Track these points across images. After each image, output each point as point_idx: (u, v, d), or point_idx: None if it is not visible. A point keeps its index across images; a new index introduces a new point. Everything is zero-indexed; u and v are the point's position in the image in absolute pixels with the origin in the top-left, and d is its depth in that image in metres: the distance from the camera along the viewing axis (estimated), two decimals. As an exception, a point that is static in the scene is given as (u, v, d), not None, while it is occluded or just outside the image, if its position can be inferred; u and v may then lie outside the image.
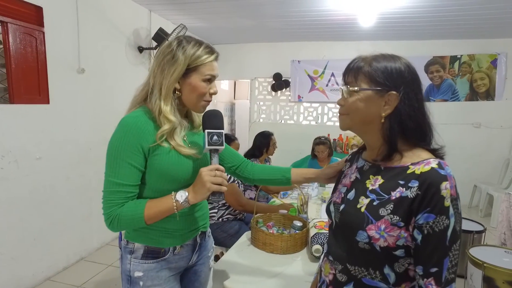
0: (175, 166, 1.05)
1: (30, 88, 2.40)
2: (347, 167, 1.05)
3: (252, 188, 2.89)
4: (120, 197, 0.99)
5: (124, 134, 0.99)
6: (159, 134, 1.01)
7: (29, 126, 2.41)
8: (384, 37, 4.62)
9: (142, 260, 1.10)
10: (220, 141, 1.02)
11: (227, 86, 6.26)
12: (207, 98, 1.09)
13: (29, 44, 2.35)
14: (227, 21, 4.07)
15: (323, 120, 5.35)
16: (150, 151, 1.01)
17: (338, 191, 1.00)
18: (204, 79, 1.05)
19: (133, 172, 1.00)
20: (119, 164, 0.99)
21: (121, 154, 0.99)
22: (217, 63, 1.10)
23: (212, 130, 1.03)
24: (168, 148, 1.04)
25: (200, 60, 1.04)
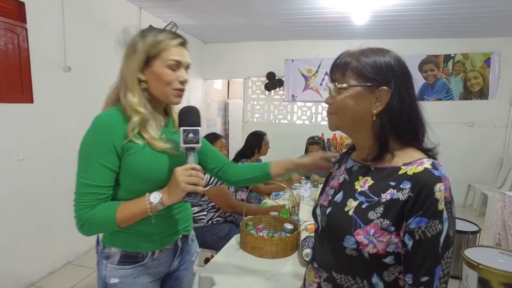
0: (150, 164, 1.00)
1: (13, 86, 2.32)
2: (335, 168, 1.00)
3: (244, 189, 2.83)
4: (91, 199, 0.95)
5: (95, 133, 0.96)
6: (130, 127, 0.97)
7: (11, 126, 2.33)
8: (378, 35, 4.59)
9: (119, 266, 1.04)
10: (196, 139, 0.97)
11: (220, 85, 6.19)
12: (176, 86, 1.02)
13: (11, 41, 2.27)
14: (218, 19, 4.01)
15: (317, 120, 5.30)
16: (124, 150, 0.97)
17: (325, 193, 0.95)
18: (168, 65, 1.00)
19: (105, 173, 0.95)
20: (90, 164, 0.95)
21: (92, 154, 0.95)
22: (185, 50, 1.05)
23: (187, 128, 0.98)
24: (142, 145, 0.99)
25: (161, 46, 1.00)
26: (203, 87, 5.47)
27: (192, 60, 1.10)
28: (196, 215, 2.24)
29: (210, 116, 5.75)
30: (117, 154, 0.96)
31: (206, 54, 5.40)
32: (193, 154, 0.99)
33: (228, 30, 4.57)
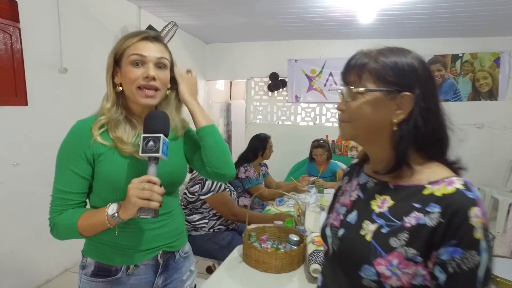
0: (117, 172, 0.95)
1: (5, 88, 2.23)
2: (345, 182, 0.89)
3: (246, 195, 2.73)
4: (61, 204, 0.95)
5: (68, 140, 0.96)
6: (96, 124, 0.94)
7: (5, 129, 2.24)
8: (384, 35, 4.47)
9: (91, 278, 1.01)
10: (156, 147, 0.87)
11: (222, 86, 6.08)
12: (140, 83, 0.95)
13: (3, 41, 2.18)
14: (220, 18, 3.91)
15: (321, 121, 5.19)
16: (95, 157, 0.95)
17: (335, 211, 0.84)
18: (130, 62, 0.95)
19: (74, 179, 0.94)
20: (62, 170, 0.95)
21: (64, 160, 0.95)
22: (153, 43, 0.98)
23: (147, 135, 0.89)
24: (110, 149, 0.95)
25: (125, 43, 0.96)
26: (205, 88, 5.37)
27: (193, 61, 1.02)
28: (197, 223, 2.14)
29: (212, 117, 5.63)
30: (87, 161, 0.95)
31: (207, 54, 5.30)
32: (154, 165, 0.89)
33: (230, 30, 4.47)
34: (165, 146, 0.88)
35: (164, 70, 1.00)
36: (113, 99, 0.98)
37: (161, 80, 0.98)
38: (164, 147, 0.88)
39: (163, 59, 0.99)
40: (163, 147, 0.87)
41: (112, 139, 0.95)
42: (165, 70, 1.00)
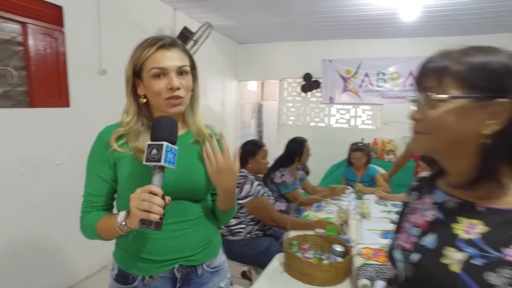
0: (135, 176, 0.95)
1: (50, 91, 2.29)
2: (414, 198, 0.79)
3: (282, 200, 2.65)
4: (87, 206, 1.00)
5: (94, 144, 1.00)
6: (113, 135, 0.96)
7: (49, 130, 2.30)
8: (425, 33, 4.23)
9: (115, 282, 1.03)
10: (159, 155, 0.82)
11: (254, 86, 6.04)
12: (166, 95, 0.94)
13: (49, 45, 2.24)
14: (254, 18, 3.85)
15: (356, 123, 5.02)
16: (116, 161, 0.97)
17: (404, 231, 0.75)
18: (151, 76, 0.94)
19: (98, 183, 0.99)
20: (89, 173, 1.00)
21: (90, 163, 1.00)
22: (171, 51, 0.96)
23: (152, 142, 0.85)
24: (130, 157, 0.96)
25: (142, 57, 0.95)
26: (237, 89, 5.34)
27: (225, 61, 0.96)
28: (234, 227, 2.10)
29: (244, 118, 5.62)
30: (109, 165, 0.97)
31: (240, 55, 5.27)
32: (158, 174, 0.84)
33: (264, 30, 4.41)
34: (170, 154, 0.84)
35: (186, 76, 0.98)
36: (133, 112, 0.98)
37: (185, 87, 0.97)
38: (168, 155, 0.83)
39: (184, 67, 0.97)
40: (166, 156, 0.82)
41: (131, 149, 0.95)
42: (187, 76, 0.98)
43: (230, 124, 5.16)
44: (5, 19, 2.00)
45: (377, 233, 2.05)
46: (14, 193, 2.11)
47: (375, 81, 4.72)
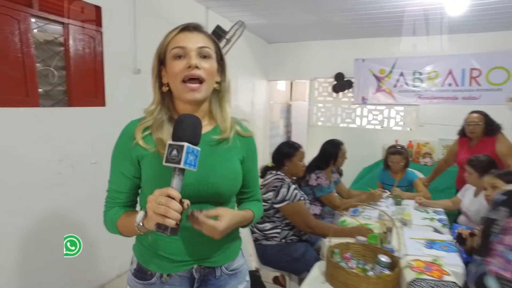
0: (156, 175, 0.91)
1: (88, 90, 2.32)
2: (504, 216, 0.69)
3: (317, 203, 2.57)
4: (110, 201, 0.99)
5: (118, 140, 0.99)
6: (140, 126, 0.94)
7: (85, 129, 2.33)
8: (468, 29, 3.99)
9: (133, 276, 1.02)
10: (179, 157, 0.76)
11: (283, 86, 5.96)
12: (182, 76, 0.90)
13: (88, 45, 2.26)
14: (287, 17, 3.77)
15: (389, 124, 4.83)
16: (139, 159, 0.94)
17: (498, 254, 0.65)
18: (173, 56, 0.91)
19: (120, 179, 0.97)
20: (112, 169, 0.98)
21: (114, 159, 0.98)
22: (193, 33, 0.93)
23: (173, 142, 0.79)
24: (153, 155, 0.92)
25: (165, 41, 0.93)
26: (267, 89, 5.28)
27: (256, 61, 0.89)
28: (268, 232, 2.03)
29: (273, 118, 5.55)
30: (132, 162, 0.95)
31: (270, 54, 5.21)
32: (177, 176, 0.79)
33: (295, 29, 4.32)
34: (191, 156, 0.78)
35: (209, 59, 0.93)
36: (157, 101, 0.96)
37: (205, 69, 0.91)
38: (189, 157, 0.77)
39: (205, 48, 0.92)
40: (186, 158, 0.77)
41: (155, 141, 0.92)
42: (209, 60, 0.93)
43: (259, 124, 5.11)
44: (49, 20, 2.03)
45: (421, 242, 1.93)
46: (51, 191, 2.14)
47: (411, 80, 4.52)
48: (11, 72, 1.84)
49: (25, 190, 1.99)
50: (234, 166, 1.00)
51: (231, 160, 1.00)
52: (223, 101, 1.02)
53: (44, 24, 2.03)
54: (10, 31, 1.82)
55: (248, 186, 1.10)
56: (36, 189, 2.05)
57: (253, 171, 1.11)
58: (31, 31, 1.92)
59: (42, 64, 2.05)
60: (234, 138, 1.01)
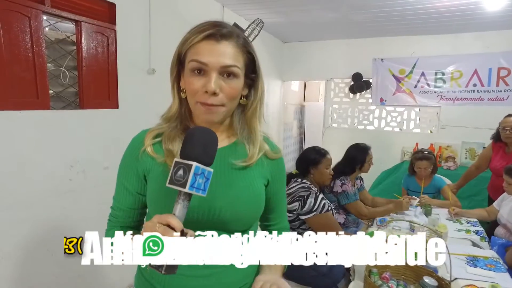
0: (161, 194, 0.78)
1: (100, 91, 2.20)
2: None
3: (341, 211, 2.41)
4: (112, 220, 0.89)
5: (125, 151, 0.88)
6: (151, 132, 0.83)
7: (97, 133, 2.21)
8: (492, 26, 3.77)
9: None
10: (184, 179, 0.63)
11: (297, 87, 5.81)
12: (200, 98, 0.75)
13: (101, 44, 2.14)
14: (305, 14, 3.62)
15: (409, 127, 4.63)
16: (146, 173, 0.83)
17: None
18: (190, 70, 0.76)
19: (124, 195, 0.86)
20: (117, 183, 0.88)
21: (119, 172, 0.88)
22: (221, 43, 0.74)
23: (180, 160, 0.66)
24: (160, 170, 0.80)
25: (187, 44, 0.76)
26: (281, 89, 5.13)
27: (270, 61, 0.73)
28: (292, 245, 1.89)
29: (287, 119, 5.40)
30: (138, 176, 0.84)
31: (285, 54, 5.05)
32: (182, 202, 0.65)
33: (312, 27, 4.16)
34: (200, 178, 0.64)
35: (234, 79, 0.76)
36: (176, 108, 0.83)
37: (227, 93, 0.76)
38: (197, 180, 0.64)
39: (231, 68, 0.75)
40: (193, 180, 0.63)
41: (164, 151, 0.80)
42: (234, 80, 0.76)
43: (273, 126, 4.96)
44: (61, 17, 1.91)
45: (461, 258, 1.76)
46: (61, 198, 2.02)
47: (433, 81, 4.33)
48: (21, 73, 1.72)
49: (34, 198, 1.88)
50: (255, 187, 0.84)
51: (251, 181, 0.84)
52: (251, 118, 0.85)
53: (56, 22, 1.91)
54: (21, 29, 1.70)
55: (272, 211, 0.94)
56: (46, 196, 1.93)
57: (279, 194, 0.95)
58: (42, 29, 1.80)
59: (53, 64, 1.93)
60: (261, 157, 0.86)
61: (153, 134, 0.82)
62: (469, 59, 4.09)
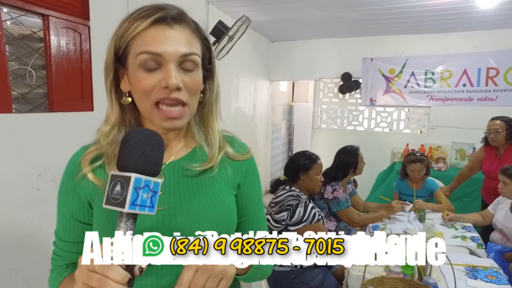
0: (109, 223, 0.64)
1: (72, 93, 2.02)
2: None
3: (332, 218, 2.30)
4: (56, 258, 0.74)
5: (63, 176, 0.73)
6: (86, 155, 0.68)
7: (69, 138, 2.03)
8: (481, 26, 3.74)
9: None
10: (122, 197, 0.49)
11: (285, 87, 5.69)
12: (159, 96, 0.61)
13: (72, 41, 1.97)
14: (294, 12, 3.50)
15: (398, 127, 4.57)
16: (90, 201, 0.69)
17: None
18: (139, 65, 0.61)
19: (66, 226, 0.71)
20: (58, 214, 0.73)
21: (59, 202, 0.73)
22: (171, 29, 0.62)
23: (116, 173, 0.52)
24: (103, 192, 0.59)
25: (128, 34, 0.62)
26: (269, 90, 5.00)
27: (258, 60, 0.59)
28: (281, 257, 1.76)
29: (275, 120, 5.27)
30: (79, 202, 0.69)
31: (273, 53, 4.92)
32: (124, 225, 0.50)
33: (301, 26, 4.05)
34: (143, 192, 0.51)
35: (195, 71, 0.64)
36: (115, 117, 0.68)
37: (189, 87, 0.63)
38: (139, 195, 0.50)
39: (191, 56, 0.63)
40: (134, 196, 0.49)
41: None
42: (195, 71, 0.65)
43: (261, 127, 4.83)
44: (25, 10, 1.74)
45: (459, 269, 1.66)
46: (27, 211, 1.84)
47: (423, 81, 4.27)
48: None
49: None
50: (223, 203, 0.71)
51: (217, 195, 0.71)
52: (208, 117, 0.74)
53: (19, 16, 1.73)
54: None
55: (246, 224, 0.78)
56: (9, 210, 1.75)
57: (254, 202, 0.79)
58: (1, 23, 1.62)
59: (17, 62, 1.76)
60: (223, 162, 0.73)
61: (90, 157, 0.67)
62: (459, 59, 4.04)
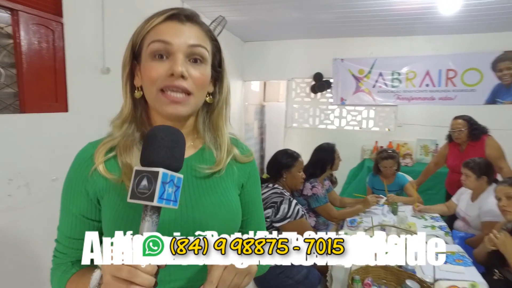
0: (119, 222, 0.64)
1: (45, 93, 1.94)
2: None
3: (311, 214, 2.37)
4: (59, 255, 0.73)
5: (69, 170, 0.73)
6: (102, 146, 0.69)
7: (43, 140, 1.95)
8: (442, 31, 4.01)
9: None
10: (150, 191, 0.51)
11: (257, 87, 5.74)
12: (164, 83, 0.64)
13: (45, 39, 1.89)
14: (267, 13, 3.55)
15: (368, 125, 4.76)
16: (99, 197, 0.69)
17: None
18: (150, 53, 0.65)
19: (73, 223, 0.71)
20: (62, 209, 0.74)
21: (64, 198, 0.73)
22: (183, 25, 0.66)
23: (142, 168, 0.54)
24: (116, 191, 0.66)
25: (144, 30, 0.67)
26: (242, 89, 5.02)
27: (231, 60, 0.63)
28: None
29: (248, 120, 5.30)
30: (89, 199, 0.70)
31: (245, 53, 4.95)
32: (150, 218, 0.53)
33: (274, 27, 4.11)
34: (169, 187, 0.53)
35: (202, 65, 0.68)
36: (128, 111, 0.70)
37: (195, 79, 0.66)
38: (165, 189, 0.52)
39: (198, 48, 0.66)
40: (161, 190, 0.52)
41: (120, 167, 0.67)
42: (202, 65, 0.68)
43: (235, 127, 4.73)
44: (-9, 5, 1.65)
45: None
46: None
47: (390, 81, 4.48)
48: None
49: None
50: (230, 202, 0.74)
51: (225, 193, 0.74)
52: (218, 120, 0.77)
53: (-13, 11, 1.64)
54: None
55: (248, 222, 0.82)
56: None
57: (255, 202, 0.84)
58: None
59: (-15, 60, 1.66)
60: (230, 163, 0.76)
61: (105, 148, 0.68)
62: (422, 60, 4.29)
